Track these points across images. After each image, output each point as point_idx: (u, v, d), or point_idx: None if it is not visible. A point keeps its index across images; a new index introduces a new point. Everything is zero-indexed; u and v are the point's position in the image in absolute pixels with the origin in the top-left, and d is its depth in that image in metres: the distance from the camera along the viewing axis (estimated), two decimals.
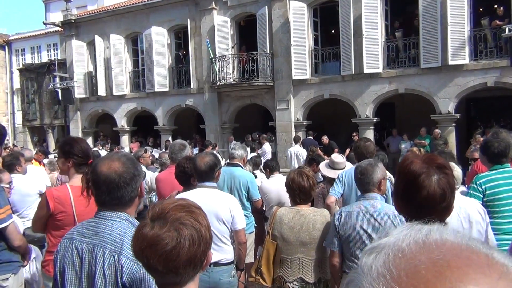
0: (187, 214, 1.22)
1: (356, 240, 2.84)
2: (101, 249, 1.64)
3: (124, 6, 18.49)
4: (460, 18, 12.08)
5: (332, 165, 4.96)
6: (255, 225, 5.01)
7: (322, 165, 5.17)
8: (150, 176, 5.58)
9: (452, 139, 12.54)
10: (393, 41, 13.60)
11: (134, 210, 1.86)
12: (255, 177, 5.63)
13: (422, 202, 1.61)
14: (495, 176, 3.45)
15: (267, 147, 12.79)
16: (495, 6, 12.84)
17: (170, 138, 16.42)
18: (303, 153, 10.99)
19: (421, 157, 1.71)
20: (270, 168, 5.39)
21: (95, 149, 12.42)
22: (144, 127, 19.45)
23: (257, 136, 14.15)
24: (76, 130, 20.22)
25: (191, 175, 3.49)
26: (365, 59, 13.27)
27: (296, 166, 10.11)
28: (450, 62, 12.22)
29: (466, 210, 2.80)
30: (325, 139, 13.16)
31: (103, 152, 11.68)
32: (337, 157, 5.10)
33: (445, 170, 1.66)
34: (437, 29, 12.31)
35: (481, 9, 13.57)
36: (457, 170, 3.11)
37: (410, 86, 13.19)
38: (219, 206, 3.17)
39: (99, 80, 18.91)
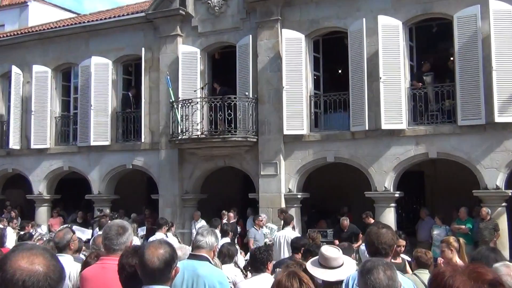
0: None
1: None
2: None
3: (55, 27, 18.88)
4: (509, 61, 12.48)
5: (324, 262, 4.72)
6: None
7: (309, 264, 4.85)
8: (76, 270, 5.33)
9: (503, 224, 12.54)
10: (420, 88, 13.97)
11: None
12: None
13: None
14: None
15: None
16: None
17: (107, 210, 16.08)
18: None
19: (463, 270, 1.69)
20: (256, 263, 5.21)
21: None
22: (71, 195, 19.20)
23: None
24: None
25: None
26: (383, 110, 13.51)
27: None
28: (497, 119, 12.46)
29: None
30: (345, 222, 13.06)
31: (9, 230, 11.33)
32: (328, 249, 4.78)
33: None
34: (479, 74, 12.60)
35: None
36: None
37: (445, 150, 13.38)
38: None
39: (12, 128, 18.79)
